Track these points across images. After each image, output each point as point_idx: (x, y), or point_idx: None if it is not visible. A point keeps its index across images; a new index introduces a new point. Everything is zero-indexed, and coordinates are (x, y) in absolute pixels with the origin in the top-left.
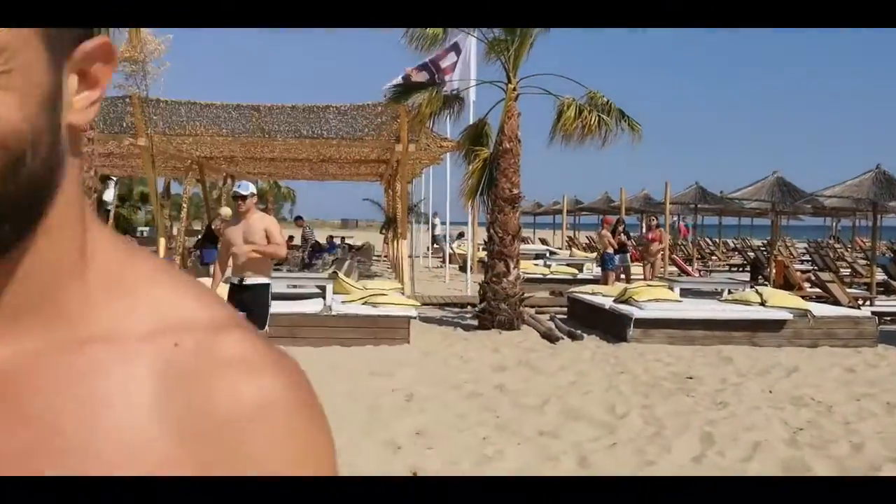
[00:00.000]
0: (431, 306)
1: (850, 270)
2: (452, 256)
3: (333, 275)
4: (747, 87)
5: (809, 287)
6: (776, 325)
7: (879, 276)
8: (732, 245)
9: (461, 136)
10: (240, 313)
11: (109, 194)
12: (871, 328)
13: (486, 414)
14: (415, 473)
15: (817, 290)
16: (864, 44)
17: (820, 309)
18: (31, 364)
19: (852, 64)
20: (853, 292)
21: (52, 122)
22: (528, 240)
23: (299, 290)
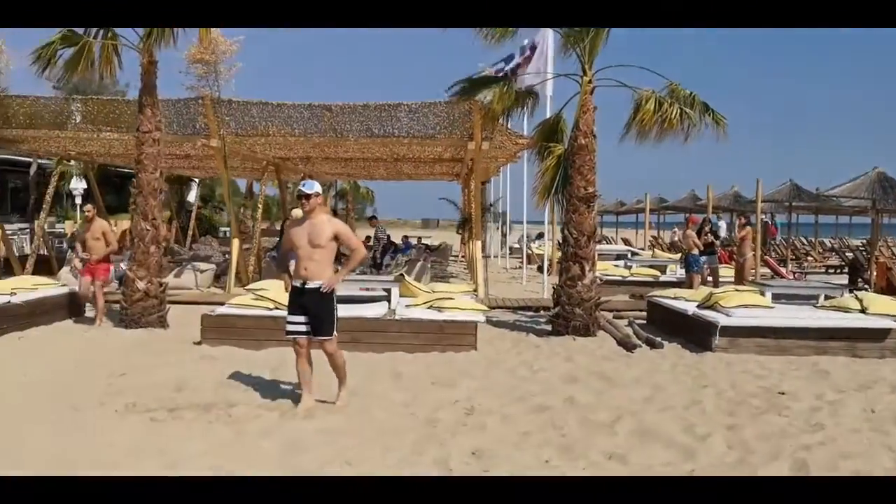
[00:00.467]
0: (504, 310)
1: None
2: (531, 257)
3: (399, 277)
4: (845, 78)
5: None
6: (878, 334)
7: None
8: (829, 245)
9: (534, 132)
10: (302, 317)
11: (192, 195)
12: None
13: (551, 432)
14: None
15: None
16: None
17: None
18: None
19: None
20: None
21: None
22: (610, 240)
23: (365, 293)
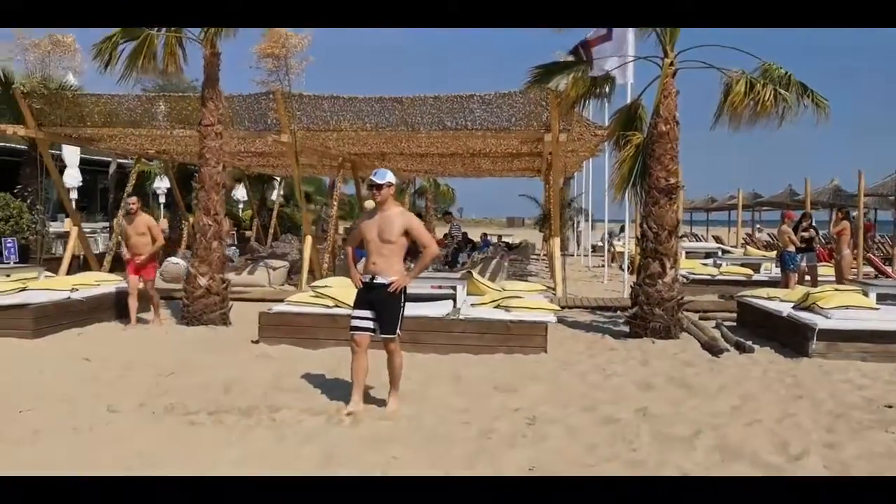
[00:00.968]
0: (581, 309)
1: None
2: (614, 255)
3: (466, 274)
4: None
5: None
6: None
7: None
8: None
9: (611, 120)
10: (369, 312)
11: (275, 194)
12: None
13: (619, 446)
14: None
15: None
16: None
17: None
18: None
19: None
20: None
21: None
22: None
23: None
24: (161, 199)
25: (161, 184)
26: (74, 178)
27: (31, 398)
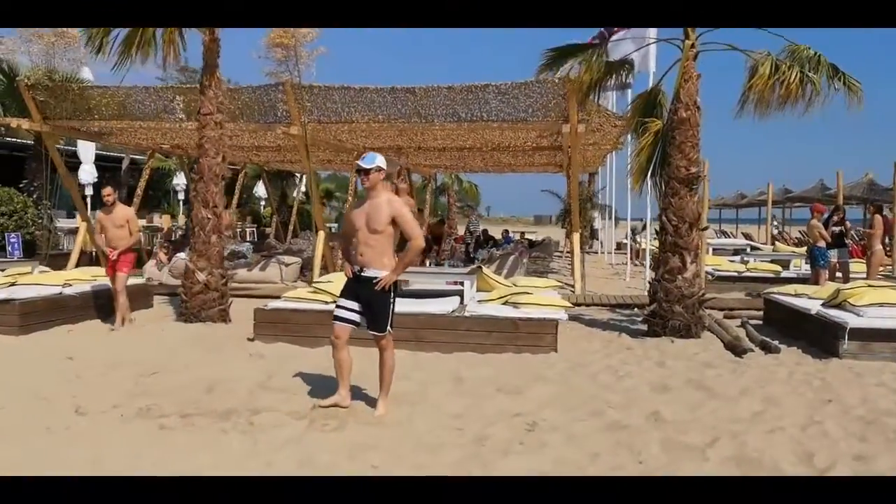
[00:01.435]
0: (599, 307)
1: None
2: (638, 252)
3: (476, 269)
4: None
5: None
6: None
7: None
8: None
9: (629, 107)
10: (354, 304)
11: (296, 191)
12: None
13: (624, 456)
14: None
15: None
16: None
17: None
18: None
19: None
20: None
21: None
22: (729, 234)
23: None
24: (181, 196)
25: (180, 180)
26: (90, 175)
27: (1, 397)
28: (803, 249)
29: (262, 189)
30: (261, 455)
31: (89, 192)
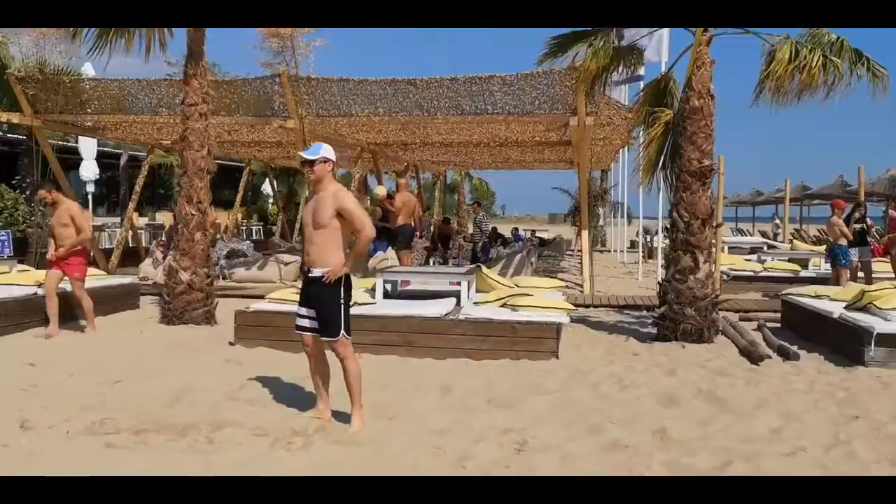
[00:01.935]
0: (607, 308)
1: None
2: (651, 251)
3: (473, 269)
4: None
5: None
6: None
7: None
8: None
9: (637, 97)
10: (311, 310)
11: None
12: None
13: None
14: None
15: None
16: None
17: None
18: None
19: None
20: None
21: None
22: (746, 233)
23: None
24: None
25: None
26: (91, 171)
27: None
28: (822, 248)
29: (268, 186)
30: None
31: (91, 189)
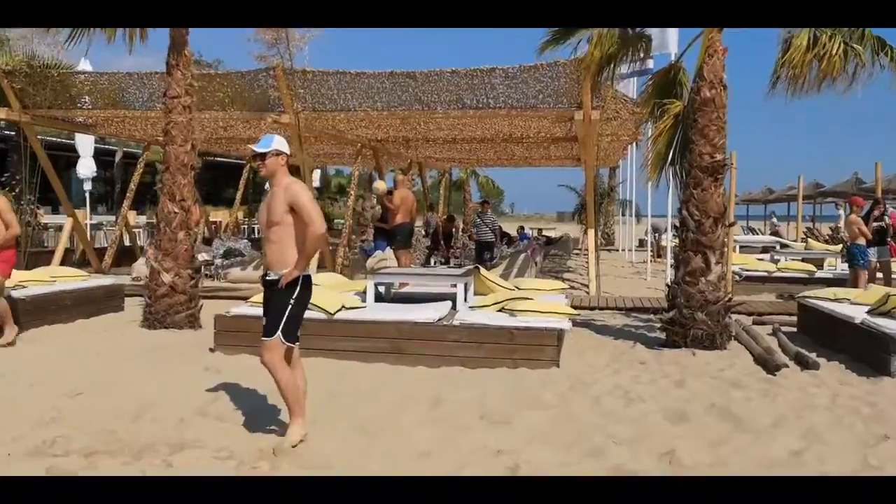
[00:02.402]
0: (614, 311)
1: None
2: (660, 250)
3: (471, 270)
4: None
5: None
6: None
7: None
8: None
9: (645, 88)
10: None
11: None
12: None
13: None
14: None
15: None
16: None
17: None
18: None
19: None
20: None
21: None
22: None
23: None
24: None
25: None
26: (89, 169)
27: None
28: (838, 247)
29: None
30: None
31: (88, 187)
